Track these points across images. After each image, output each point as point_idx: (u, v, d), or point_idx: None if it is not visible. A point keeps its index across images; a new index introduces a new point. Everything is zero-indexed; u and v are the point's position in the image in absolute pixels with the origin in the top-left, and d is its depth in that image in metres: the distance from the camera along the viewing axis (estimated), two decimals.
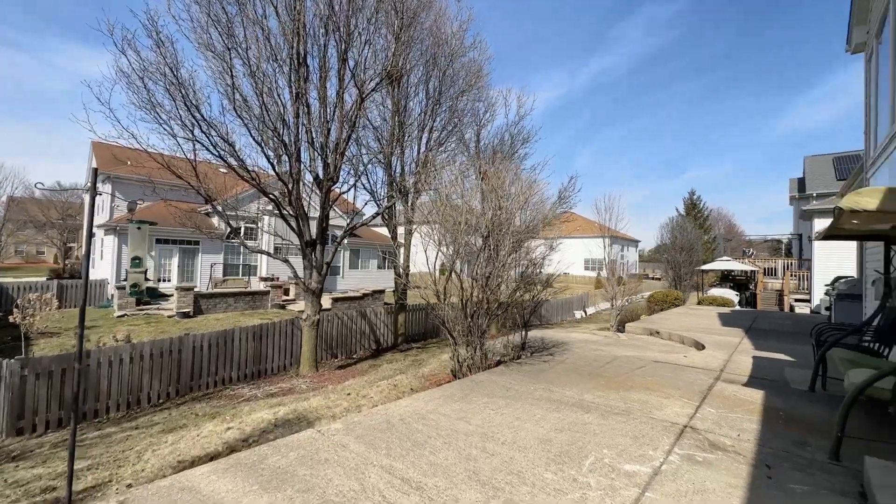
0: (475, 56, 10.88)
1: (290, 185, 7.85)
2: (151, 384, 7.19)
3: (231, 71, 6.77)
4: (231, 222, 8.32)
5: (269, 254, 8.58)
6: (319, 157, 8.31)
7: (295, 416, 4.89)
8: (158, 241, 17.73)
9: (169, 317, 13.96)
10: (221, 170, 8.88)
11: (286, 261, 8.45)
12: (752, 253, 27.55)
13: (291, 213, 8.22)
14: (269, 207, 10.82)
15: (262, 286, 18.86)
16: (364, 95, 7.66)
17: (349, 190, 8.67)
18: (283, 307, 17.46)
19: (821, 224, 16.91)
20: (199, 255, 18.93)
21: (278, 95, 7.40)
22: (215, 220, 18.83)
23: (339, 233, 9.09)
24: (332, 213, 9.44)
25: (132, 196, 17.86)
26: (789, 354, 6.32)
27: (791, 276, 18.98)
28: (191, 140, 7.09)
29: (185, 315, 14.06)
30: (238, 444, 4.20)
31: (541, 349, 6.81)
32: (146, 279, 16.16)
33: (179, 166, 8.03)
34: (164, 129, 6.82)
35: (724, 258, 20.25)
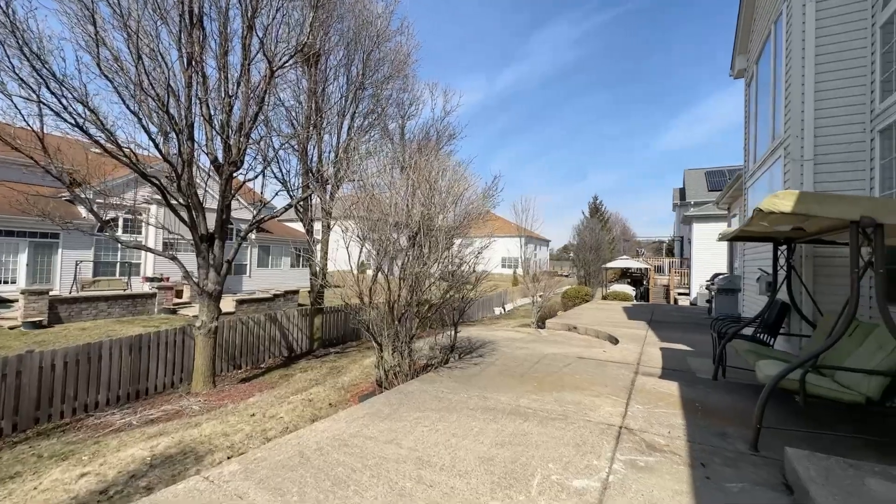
0: (402, 41, 10.36)
1: (179, 169, 6.57)
2: None
3: (94, 18, 5.36)
4: (97, 210, 6.71)
5: (148, 249, 7.12)
6: (220, 138, 7.11)
7: (179, 449, 3.95)
8: None
9: (11, 328, 11.10)
10: (94, 150, 7.15)
11: (174, 258, 7.09)
12: (644, 252, 31.23)
13: (182, 202, 6.91)
14: (159, 196, 9.11)
15: (146, 288, 16.13)
16: (275, 69, 6.69)
17: (256, 178, 7.58)
18: (173, 312, 15.09)
19: (699, 227, 19.62)
20: (60, 250, 15.50)
21: (163, 58, 6.10)
22: (83, 209, 15.56)
23: (244, 227, 7.90)
24: (235, 205, 8.20)
25: None
26: (687, 344, 6.96)
27: (675, 273, 21.78)
28: (36, 102, 5.51)
29: (36, 325, 11.32)
30: (93, 499, 3.20)
31: (469, 350, 6.60)
32: None
33: (21, 137, 6.29)
34: None
35: (624, 257, 22.50)
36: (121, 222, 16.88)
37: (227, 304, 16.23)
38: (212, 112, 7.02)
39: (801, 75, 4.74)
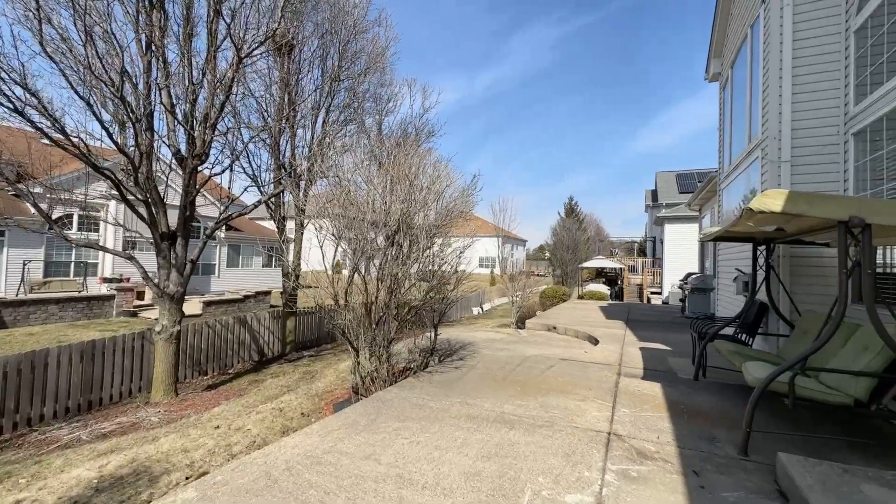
0: (379, 33, 10.03)
1: (136, 161, 6.06)
2: None
3: None
4: (43, 206, 6.12)
5: (102, 248, 6.56)
6: (183, 129, 6.63)
7: (132, 469, 3.58)
8: None
9: None
10: (44, 141, 6.53)
11: (131, 258, 6.56)
12: (617, 253, 31.97)
13: (140, 197, 6.39)
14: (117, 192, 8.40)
15: (104, 289, 15.14)
16: (243, 56, 6.28)
17: (223, 172, 7.12)
18: (134, 315, 14.23)
19: (670, 228, 20.18)
20: (5, 249, 14.31)
21: (117, 41, 5.60)
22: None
23: (211, 224, 7.43)
24: (201, 201, 7.70)
25: None
26: (665, 343, 7.00)
27: (648, 272, 22.33)
28: None
29: None
30: None
31: (449, 353, 6.41)
32: None
33: None
34: None
35: (599, 257, 22.90)
36: (76, 219, 15.76)
37: (194, 306, 15.45)
38: (174, 101, 6.54)
39: (778, 77, 4.80)
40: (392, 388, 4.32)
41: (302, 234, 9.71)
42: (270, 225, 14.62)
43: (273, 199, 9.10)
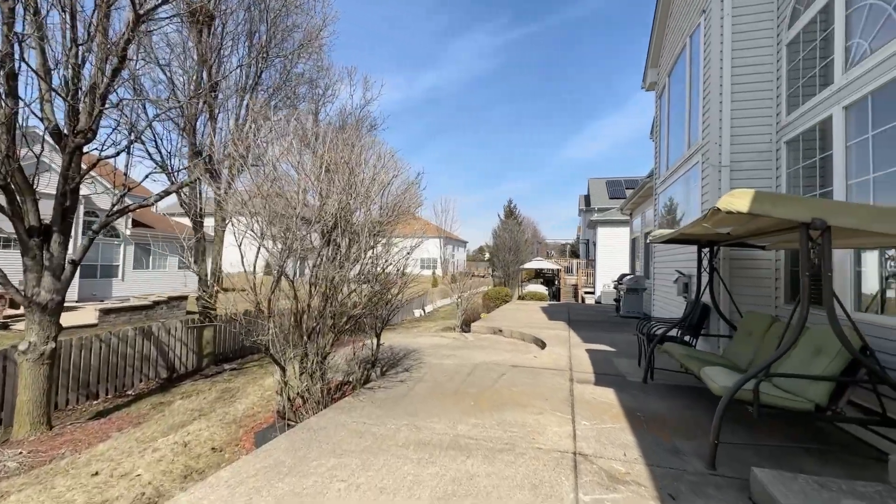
0: (316, 7, 9.12)
1: None
2: None
3: None
4: None
5: None
6: (63, 99, 5.35)
7: None
8: None
9: None
10: None
11: None
12: (553, 254, 33.37)
13: None
14: None
15: None
16: (142, 14, 5.18)
17: (119, 155, 5.87)
18: (5, 327, 11.76)
19: (603, 231, 21.31)
20: None
21: None
22: None
23: (104, 218, 6.15)
24: (92, 189, 6.34)
25: None
26: (608, 344, 7.07)
27: (582, 273, 23.43)
28: None
29: None
30: None
31: (393, 363, 5.86)
32: None
33: None
34: None
35: (538, 258, 23.57)
36: None
37: (87, 314, 13.23)
38: (49, 63, 5.26)
39: (718, 84, 4.93)
40: (327, 410, 3.69)
41: (224, 231, 8.55)
42: (189, 221, 12.92)
43: (188, 192, 7.86)
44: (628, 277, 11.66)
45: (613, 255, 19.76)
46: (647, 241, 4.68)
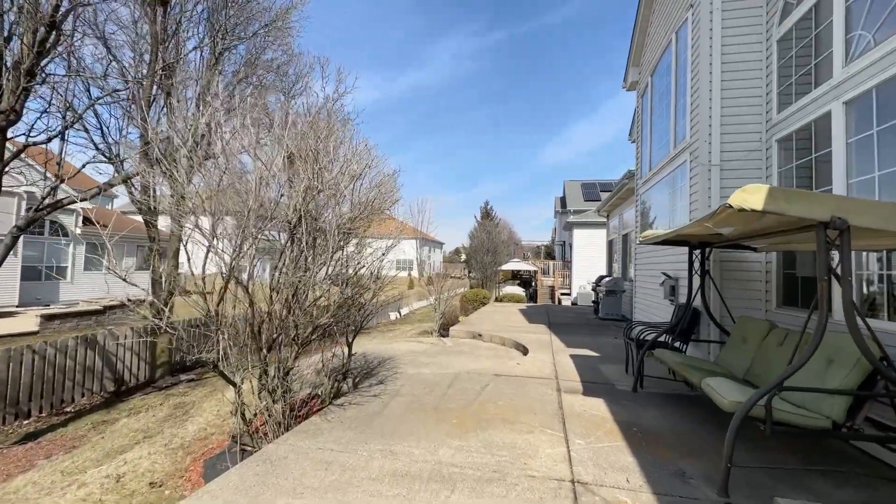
0: None
1: None
2: None
3: None
4: None
5: None
6: None
7: None
8: None
9: None
10: None
11: None
12: (529, 256, 33.51)
13: None
14: None
15: None
16: None
17: (51, 140, 5.14)
18: None
19: (579, 233, 21.41)
20: None
21: None
22: None
23: (30, 214, 5.39)
24: (22, 181, 5.55)
25: None
26: (592, 349, 6.85)
27: (559, 275, 23.51)
28: None
29: None
30: None
31: (366, 373, 5.41)
32: None
33: None
34: None
35: (515, 259, 23.50)
36: None
37: (27, 321, 12.08)
38: None
39: (708, 81, 4.76)
40: (289, 435, 3.21)
41: (182, 229, 7.80)
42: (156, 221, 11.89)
43: (137, 185, 7.11)
44: (607, 279, 11.59)
45: (590, 256, 19.86)
46: (638, 242, 4.45)
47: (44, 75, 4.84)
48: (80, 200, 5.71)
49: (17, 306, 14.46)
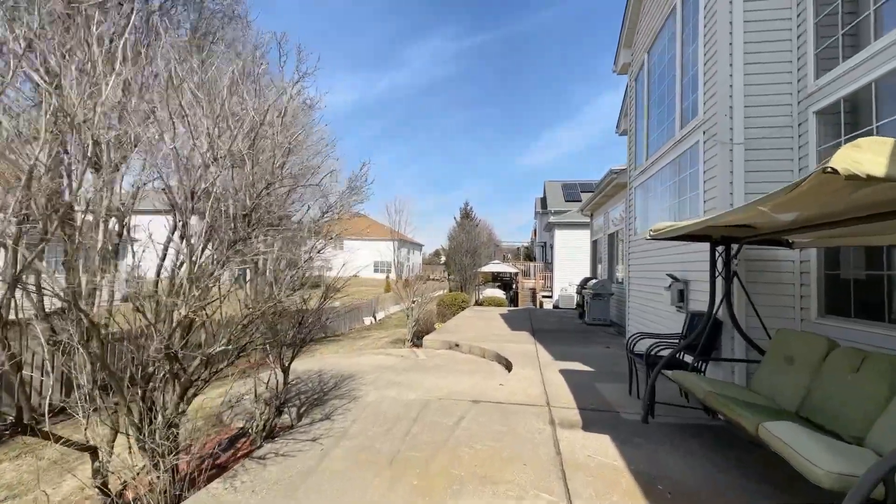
0: None
1: None
2: None
3: None
4: None
5: None
6: None
7: None
8: None
9: None
10: None
11: None
12: (509, 257, 32.87)
13: None
14: None
15: None
16: None
17: None
18: None
19: (560, 234, 20.78)
20: None
21: None
22: None
23: None
24: None
25: None
26: (582, 361, 5.98)
27: (540, 277, 22.85)
28: None
29: None
30: None
31: (314, 400, 4.37)
32: None
33: None
34: None
35: (495, 261, 22.71)
36: None
37: None
38: None
39: (727, 44, 3.97)
40: None
41: None
42: None
43: None
44: (593, 282, 10.84)
45: (572, 257, 19.25)
46: (648, 237, 3.59)
47: None
48: None
49: None
